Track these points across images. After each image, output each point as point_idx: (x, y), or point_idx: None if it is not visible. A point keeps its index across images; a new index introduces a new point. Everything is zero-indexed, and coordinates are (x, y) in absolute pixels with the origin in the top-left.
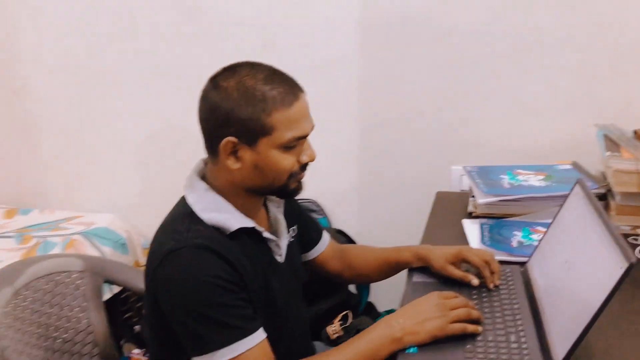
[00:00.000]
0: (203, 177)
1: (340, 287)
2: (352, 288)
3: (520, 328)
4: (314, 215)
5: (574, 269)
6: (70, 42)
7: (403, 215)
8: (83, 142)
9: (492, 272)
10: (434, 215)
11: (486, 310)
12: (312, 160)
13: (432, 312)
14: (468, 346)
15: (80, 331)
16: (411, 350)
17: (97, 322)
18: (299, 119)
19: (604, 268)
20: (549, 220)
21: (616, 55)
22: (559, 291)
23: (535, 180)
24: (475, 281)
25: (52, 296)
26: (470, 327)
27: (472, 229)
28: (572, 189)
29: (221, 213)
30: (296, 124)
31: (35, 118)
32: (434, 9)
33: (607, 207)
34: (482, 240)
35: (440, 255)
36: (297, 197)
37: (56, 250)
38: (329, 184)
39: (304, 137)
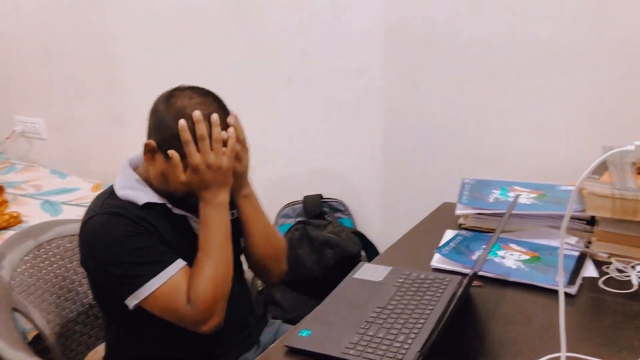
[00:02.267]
0: (135, 165)
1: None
2: None
3: (415, 331)
4: (339, 215)
5: None
6: (154, 49)
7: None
8: None
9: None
10: (426, 222)
11: (397, 311)
12: None
13: (214, 176)
14: (355, 338)
15: None
16: (303, 333)
17: None
18: None
19: None
20: (531, 239)
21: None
22: None
23: (525, 198)
24: None
25: (73, 254)
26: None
27: (446, 238)
28: (510, 205)
29: (135, 190)
30: None
31: (123, 106)
32: (454, 22)
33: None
34: (439, 249)
35: None
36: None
37: None
38: (355, 186)
39: None
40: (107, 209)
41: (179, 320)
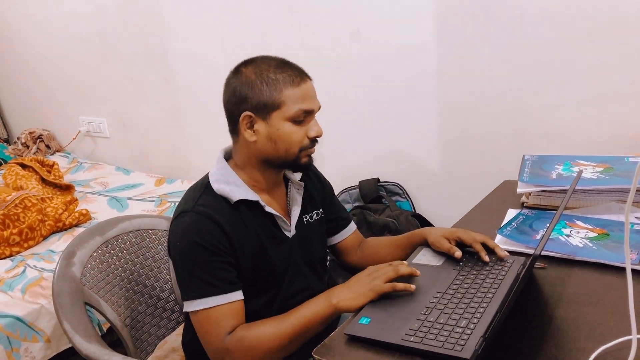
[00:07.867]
0: (229, 156)
1: None
2: None
3: (477, 316)
4: (397, 199)
5: None
6: (206, 40)
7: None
8: (218, 125)
9: (493, 248)
10: (487, 201)
11: (459, 295)
12: (319, 135)
13: (364, 279)
14: (415, 324)
15: (160, 279)
16: (363, 320)
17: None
18: (305, 97)
19: None
20: (599, 215)
21: None
22: None
23: (590, 172)
24: (458, 253)
25: (139, 248)
26: (400, 285)
27: (509, 218)
28: (574, 180)
29: (229, 185)
30: (302, 100)
31: (180, 101)
32: None
33: None
34: (501, 229)
35: (437, 232)
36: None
37: None
38: (412, 168)
39: (310, 111)
40: (200, 207)
41: (205, 348)
